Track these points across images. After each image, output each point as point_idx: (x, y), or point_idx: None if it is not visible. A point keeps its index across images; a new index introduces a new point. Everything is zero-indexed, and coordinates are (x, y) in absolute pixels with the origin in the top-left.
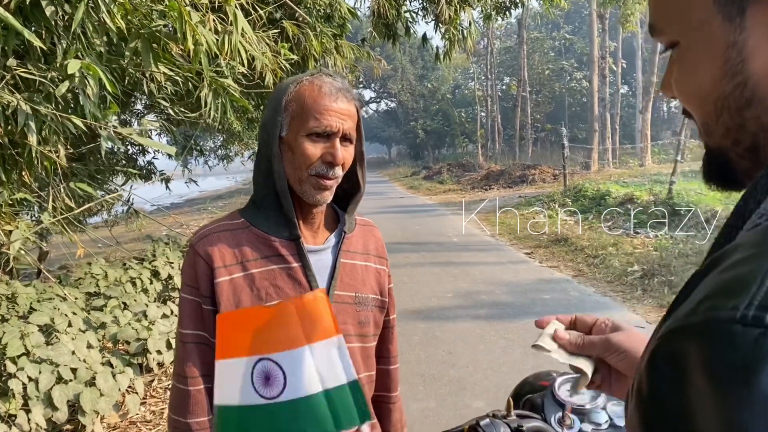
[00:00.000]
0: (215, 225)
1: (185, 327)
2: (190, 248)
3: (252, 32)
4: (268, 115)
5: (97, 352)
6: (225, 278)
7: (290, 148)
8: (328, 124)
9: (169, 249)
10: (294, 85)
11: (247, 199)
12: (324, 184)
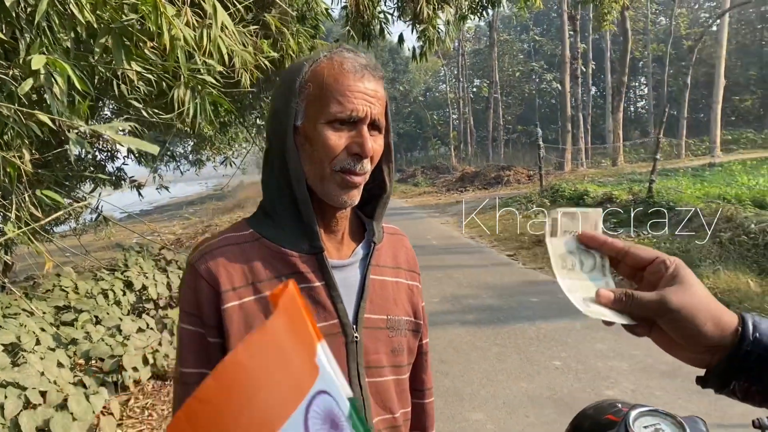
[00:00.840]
0: (219, 238)
1: (186, 365)
2: (189, 268)
3: (233, 26)
4: (278, 101)
5: (68, 372)
6: (234, 303)
7: (308, 139)
8: (354, 108)
9: (143, 258)
10: (309, 63)
11: (219, 205)
12: (352, 181)
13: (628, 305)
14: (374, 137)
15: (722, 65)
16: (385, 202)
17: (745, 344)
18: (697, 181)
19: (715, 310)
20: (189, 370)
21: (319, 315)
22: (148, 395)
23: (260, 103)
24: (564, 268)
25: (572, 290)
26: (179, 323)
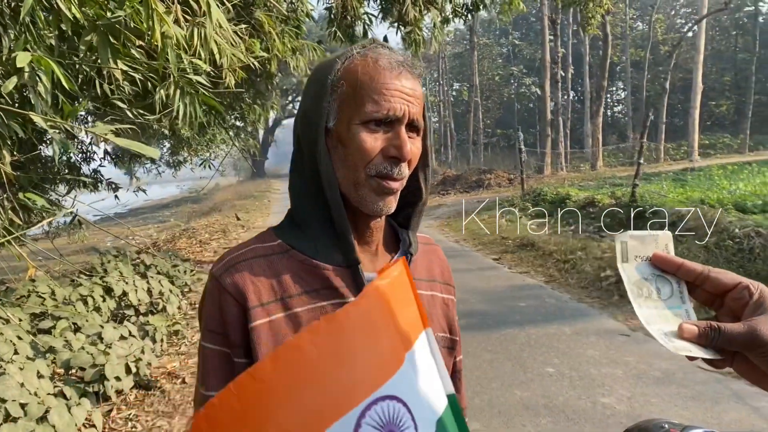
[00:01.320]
0: (245, 249)
1: (209, 388)
2: (213, 281)
3: (228, 25)
4: (308, 101)
5: (48, 382)
6: (263, 320)
7: (341, 141)
8: (391, 107)
9: (122, 263)
10: (342, 60)
11: (195, 207)
12: (388, 186)
13: (715, 340)
14: (412, 139)
15: (699, 71)
16: (420, 210)
17: None
18: (678, 186)
19: None
20: (212, 393)
21: None
22: (132, 405)
23: (240, 104)
24: (640, 297)
25: (651, 321)
26: (201, 341)
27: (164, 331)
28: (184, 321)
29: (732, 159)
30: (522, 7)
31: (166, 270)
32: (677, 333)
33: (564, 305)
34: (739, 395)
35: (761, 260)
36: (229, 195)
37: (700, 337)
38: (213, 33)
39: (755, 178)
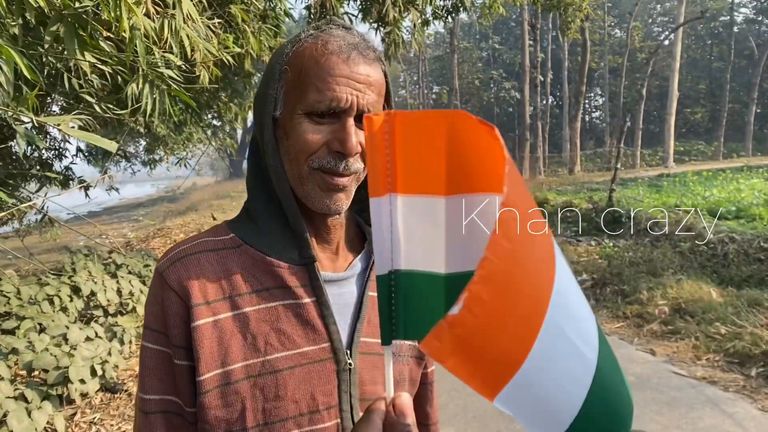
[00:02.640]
0: (193, 243)
1: (148, 390)
2: (156, 276)
3: (198, 16)
4: (260, 88)
5: (8, 385)
6: (207, 320)
7: (285, 132)
8: (335, 97)
9: (91, 262)
10: (292, 44)
11: (171, 207)
12: (333, 182)
13: None
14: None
15: (675, 78)
16: None
17: None
18: (654, 191)
19: None
20: (150, 396)
21: (307, 337)
22: (96, 409)
23: (217, 102)
24: None
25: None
26: (142, 341)
27: (133, 332)
28: None
29: (706, 166)
30: (502, 11)
31: (138, 270)
32: None
33: None
34: (713, 401)
35: (735, 266)
36: (206, 195)
37: None
38: (183, 24)
39: (729, 184)
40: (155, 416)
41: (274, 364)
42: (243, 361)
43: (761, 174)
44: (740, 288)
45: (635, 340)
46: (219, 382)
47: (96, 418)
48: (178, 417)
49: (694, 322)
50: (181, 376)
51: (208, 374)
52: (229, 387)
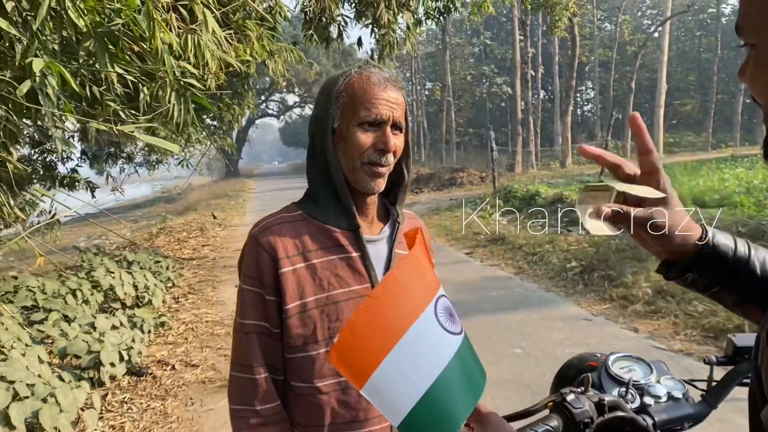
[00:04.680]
0: (274, 218)
1: (247, 317)
2: (251, 239)
3: (220, 31)
4: (319, 108)
5: (48, 368)
6: (289, 269)
7: (343, 138)
8: (379, 113)
9: (106, 258)
10: (343, 77)
11: (169, 207)
12: (377, 171)
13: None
14: (396, 136)
15: (664, 71)
16: (404, 189)
17: (706, 249)
18: None
19: (686, 226)
20: (249, 321)
21: (356, 279)
22: (125, 390)
23: (218, 104)
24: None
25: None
26: (241, 284)
27: (152, 322)
28: (170, 314)
29: (695, 156)
30: (491, 9)
31: (149, 266)
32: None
33: (532, 294)
34: (688, 370)
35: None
36: (203, 194)
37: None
38: (208, 39)
39: (714, 174)
40: (252, 335)
41: (335, 297)
42: (314, 296)
43: (745, 164)
44: None
45: (620, 319)
46: (298, 310)
47: (126, 397)
48: (267, 336)
49: (674, 302)
50: (270, 308)
51: (291, 304)
52: (305, 313)
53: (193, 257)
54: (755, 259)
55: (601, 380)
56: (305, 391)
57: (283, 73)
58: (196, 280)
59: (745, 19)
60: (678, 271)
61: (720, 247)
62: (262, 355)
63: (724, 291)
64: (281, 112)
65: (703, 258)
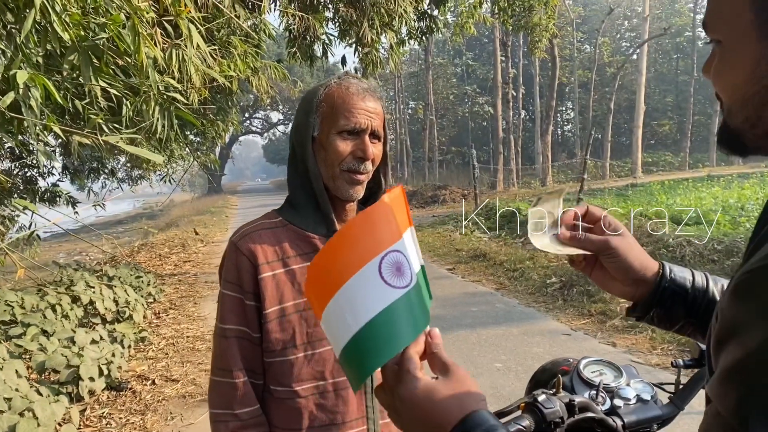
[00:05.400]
0: (255, 224)
1: (227, 322)
2: (231, 246)
3: (205, 47)
4: (299, 117)
5: (25, 382)
6: (268, 274)
7: (322, 146)
8: (357, 122)
9: (87, 273)
10: (323, 88)
11: (151, 223)
12: (356, 178)
13: (582, 241)
14: (374, 144)
15: (642, 92)
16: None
17: (664, 281)
18: (621, 200)
19: (642, 254)
20: (229, 326)
21: None
22: (104, 405)
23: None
24: (534, 232)
25: (544, 245)
26: (221, 290)
27: (132, 337)
28: (150, 329)
29: (673, 176)
30: (473, 30)
31: (130, 281)
32: (557, 239)
33: (512, 309)
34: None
35: (691, 266)
36: (185, 211)
37: (572, 239)
38: (192, 54)
39: (691, 193)
40: (232, 339)
41: None
42: (293, 301)
43: (721, 183)
44: None
45: (599, 334)
46: (277, 314)
47: (105, 412)
48: (246, 341)
49: None
50: (250, 312)
51: (271, 309)
52: (284, 318)
53: (174, 273)
54: (714, 289)
55: (573, 383)
56: (284, 395)
57: (266, 90)
58: (177, 295)
59: (712, 16)
60: (642, 308)
61: (678, 280)
62: (242, 359)
63: (689, 324)
64: (265, 129)
65: (664, 292)
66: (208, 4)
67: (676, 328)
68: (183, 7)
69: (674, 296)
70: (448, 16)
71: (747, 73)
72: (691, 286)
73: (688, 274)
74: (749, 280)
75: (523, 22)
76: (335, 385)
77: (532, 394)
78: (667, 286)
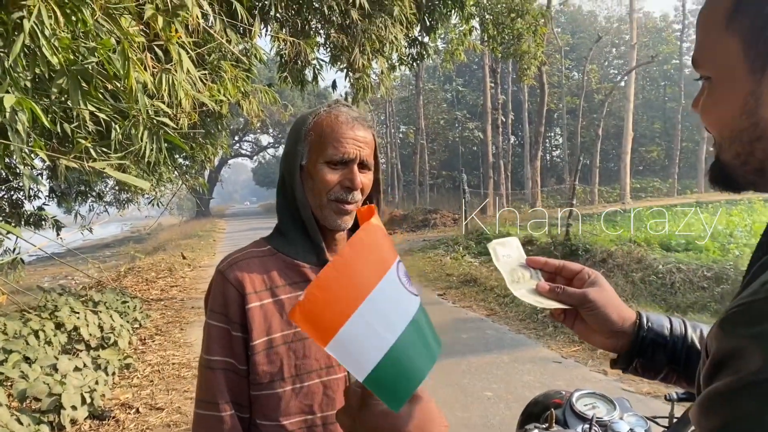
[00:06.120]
0: (243, 252)
1: (212, 353)
2: (218, 275)
3: (195, 71)
4: (288, 145)
5: (5, 410)
6: (256, 304)
7: (310, 175)
8: (346, 151)
9: (71, 298)
10: (312, 116)
11: (138, 247)
12: (343, 208)
13: (560, 294)
14: (364, 173)
15: (630, 118)
16: None
17: (642, 331)
18: (610, 226)
19: (620, 305)
20: (215, 357)
21: None
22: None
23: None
24: (514, 282)
25: (523, 295)
26: (207, 320)
27: (116, 364)
28: (136, 355)
29: (661, 201)
30: (463, 57)
31: (116, 306)
32: (536, 290)
33: (503, 336)
34: (654, 410)
35: (681, 293)
36: (173, 234)
37: (550, 291)
38: (182, 79)
39: (680, 219)
40: (218, 371)
41: (302, 333)
42: (281, 332)
43: (710, 209)
44: (685, 313)
45: (589, 362)
46: (265, 346)
47: None
48: (233, 373)
49: None
50: (237, 344)
51: (258, 340)
52: (272, 350)
53: (161, 298)
54: (692, 335)
55: (566, 417)
56: (271, 429)
57: (257, 114)
58: (163, 321)
59: (700, 52)
60: (624, 360)
61: (655, 329)
62: (228, 391)
63: (672, 372)
64: (255, 152)
65: (643, 342)
66: (199, 30)
67: (660, 376)
68: (174, 32)
69: (654, 345)
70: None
71: (735, 109)
72: (669, 334)
73: (665, 321)
74: (742, 311)
75: (512, 50)
76: (324, 419)
77: (524, 428)
78: (645, 336)
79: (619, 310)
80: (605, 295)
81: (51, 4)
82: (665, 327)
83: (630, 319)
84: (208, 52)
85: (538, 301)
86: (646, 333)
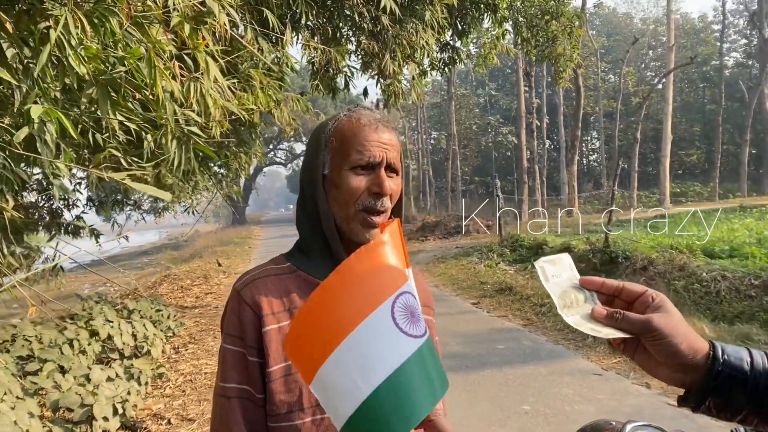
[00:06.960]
0: (260, 270)
1: (228, 380)
2: (234, 294)
3: (223, 80)
4: (308, 155)
5: (38, 422)
6: (273, 326)
7: (334, 184)
8: (371, 155)
9: (105, 307)
10: (332, 122)
11: (175, 254)
12: (372, 221)
13: (620, 321)
14: (392, 178)
15: (669, 121)
16: None
17: (717, 365)
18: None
19: (690, 334)
20: (230, 385)
21: None
22: None
23: (225, 152)
24: (566, 306)
25: (577, 322)
26: (222, 344)
27: (149, 374)
28: (168, 364)
29: (702, 206)
30: (496, 61)
31: (150, 315)
32: (592, 315)
33: (540, 347)
34: (704, 428)
35: (727, 302)
36: (209, 241)
37: (607, 318)
38: (210, 88)
39: (723, 224)
40: (234, 400)
41: None
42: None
43: (754, 214)
44: (732, 324)
45: (631, 374)
46: (283, 372)
47: None
48: (250, 402)
49: None
50: (253, 370)
51: (275, 366)
52: (290, 377)
53: (195, 305)
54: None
55: None
56: None
57: (289, 122)
58: (197, 329)
59: None
60: (696, 398)
61: (733, 362)
62: (245, 422)
63: (753, 414)
64: (289, 160)
65: (718, 377)
66: (226, 37)
67: (738, 418)
68: (201, 40)
69: (731, 381)
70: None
71: None
72: (750, 368)
73: (744, 354)
74: None
75: (546, 53)
76: None
77: None
78: (721, 370)
79: (689, 340)
80: (672, 322)
81: (78, 14)
82: (745, 360)
83: (702, 351)
84: (240, 61)
85: (593, 330)
86: (722, 367)
